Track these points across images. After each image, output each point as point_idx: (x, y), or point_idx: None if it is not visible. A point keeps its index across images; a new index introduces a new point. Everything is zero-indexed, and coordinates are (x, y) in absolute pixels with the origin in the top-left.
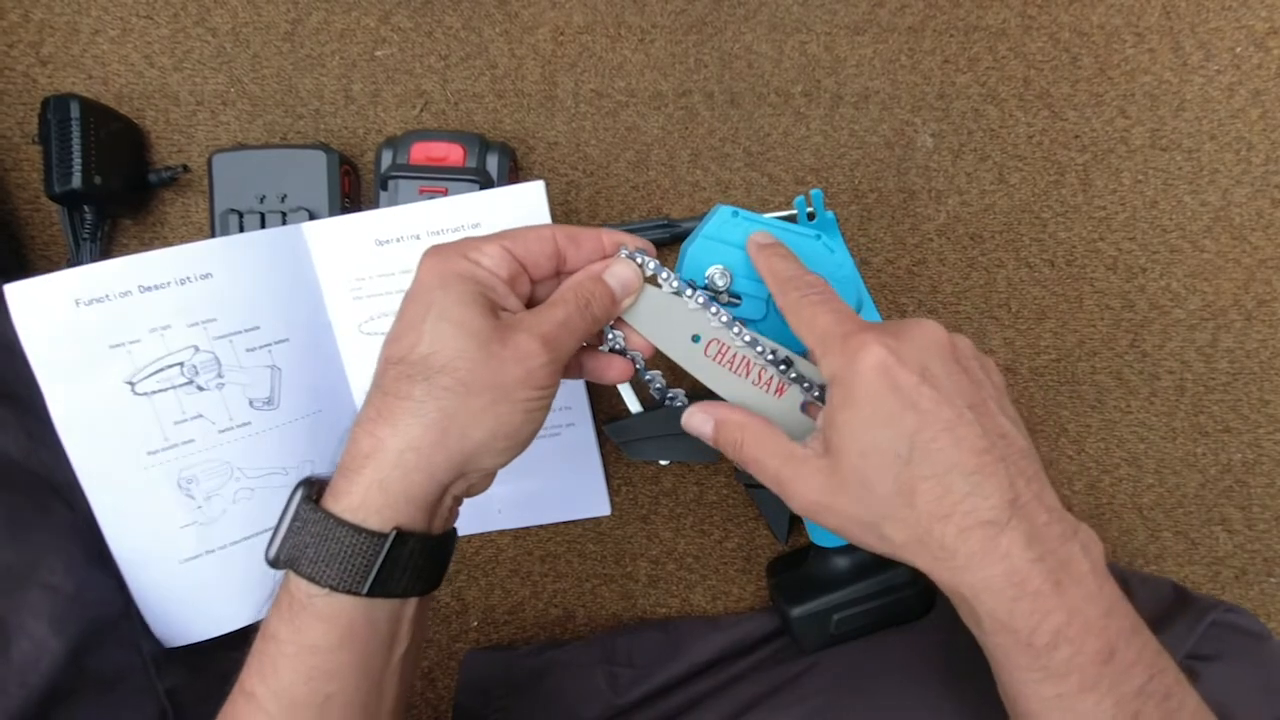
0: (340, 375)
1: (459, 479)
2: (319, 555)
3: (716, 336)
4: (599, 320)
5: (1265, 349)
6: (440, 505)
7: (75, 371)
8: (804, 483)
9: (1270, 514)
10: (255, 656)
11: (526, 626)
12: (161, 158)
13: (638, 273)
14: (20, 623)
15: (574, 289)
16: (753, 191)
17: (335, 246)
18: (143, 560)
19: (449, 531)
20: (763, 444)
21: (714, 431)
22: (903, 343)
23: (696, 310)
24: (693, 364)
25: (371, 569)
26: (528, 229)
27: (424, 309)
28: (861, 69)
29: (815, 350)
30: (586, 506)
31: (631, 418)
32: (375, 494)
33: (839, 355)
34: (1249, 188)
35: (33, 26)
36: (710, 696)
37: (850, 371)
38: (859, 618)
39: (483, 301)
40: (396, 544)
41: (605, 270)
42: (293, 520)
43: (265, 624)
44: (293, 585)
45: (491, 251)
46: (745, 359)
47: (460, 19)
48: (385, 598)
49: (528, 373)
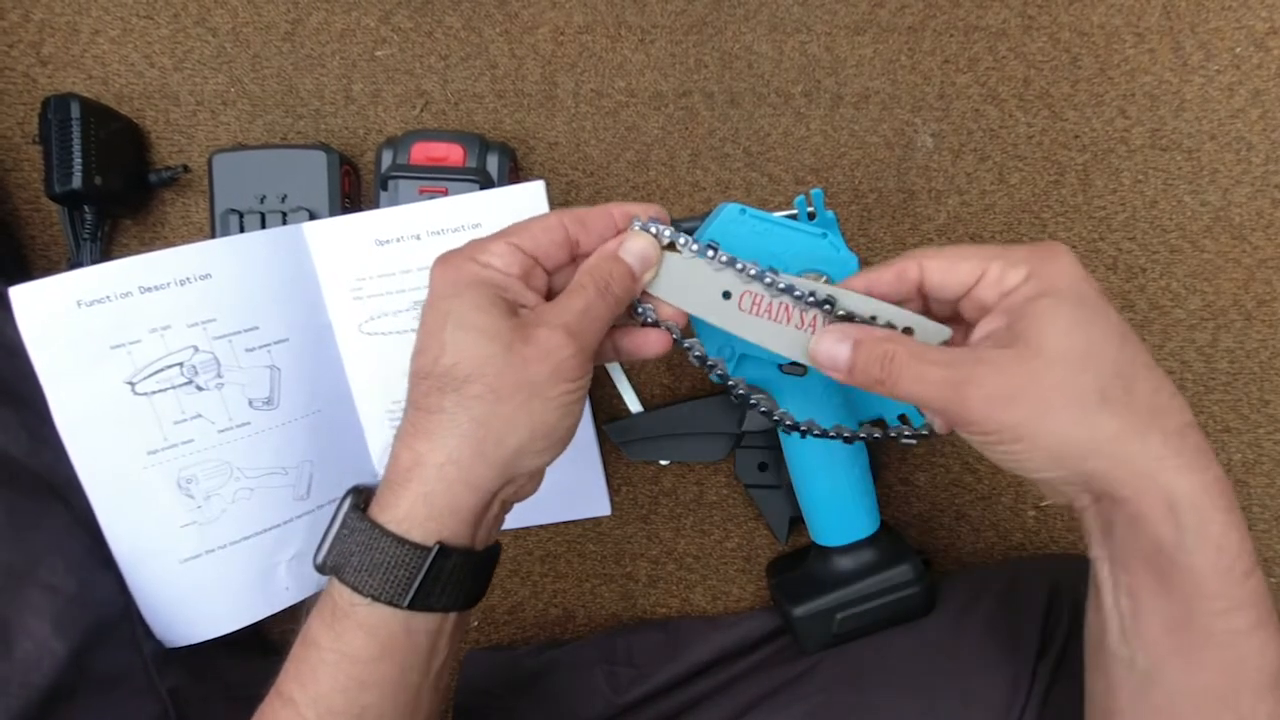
0: (340, 375)
1: (505, 485)
2: (363, 564)
3: (748, 289)
4: (622, 300)
5: (1265, 349)
6: (487, 514)
7: (77, 372)
8: (988, 375)
9: (1270, 514)
10: (294, 661)
11: (526, 626)
12: (161, 158)
13: (653, 243)
14: (22, 623)
15: (591, 273)
16: (753, 191)
17: (335, 246)
18: (142, 559)
19: (492, 547)
20: (921, 351)
21: (852, 353)
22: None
23: (722, 269)
24: (729, 321)
25: (414, 582)
26: (533, 221)
27: (441, 319)
28: (861, 69)
29: (988, 263)
30: (586, 506)
31: (631, 417)
32: (420, 507)
33: (1024, 252)
34: (1249, 188)
35: (33, 26)
36: (710, 696)
37: (1048, 264)
38: (861, 617)
39: (499, 303)
40: (439, 558)
41: (620, 247)
42: (340, 527)
43: (306, 629)
44: (336, 592)
45: (499, 250)
46: (784, 305)
47: (460, 19)
48: (425, 611)
49: (555, 367)
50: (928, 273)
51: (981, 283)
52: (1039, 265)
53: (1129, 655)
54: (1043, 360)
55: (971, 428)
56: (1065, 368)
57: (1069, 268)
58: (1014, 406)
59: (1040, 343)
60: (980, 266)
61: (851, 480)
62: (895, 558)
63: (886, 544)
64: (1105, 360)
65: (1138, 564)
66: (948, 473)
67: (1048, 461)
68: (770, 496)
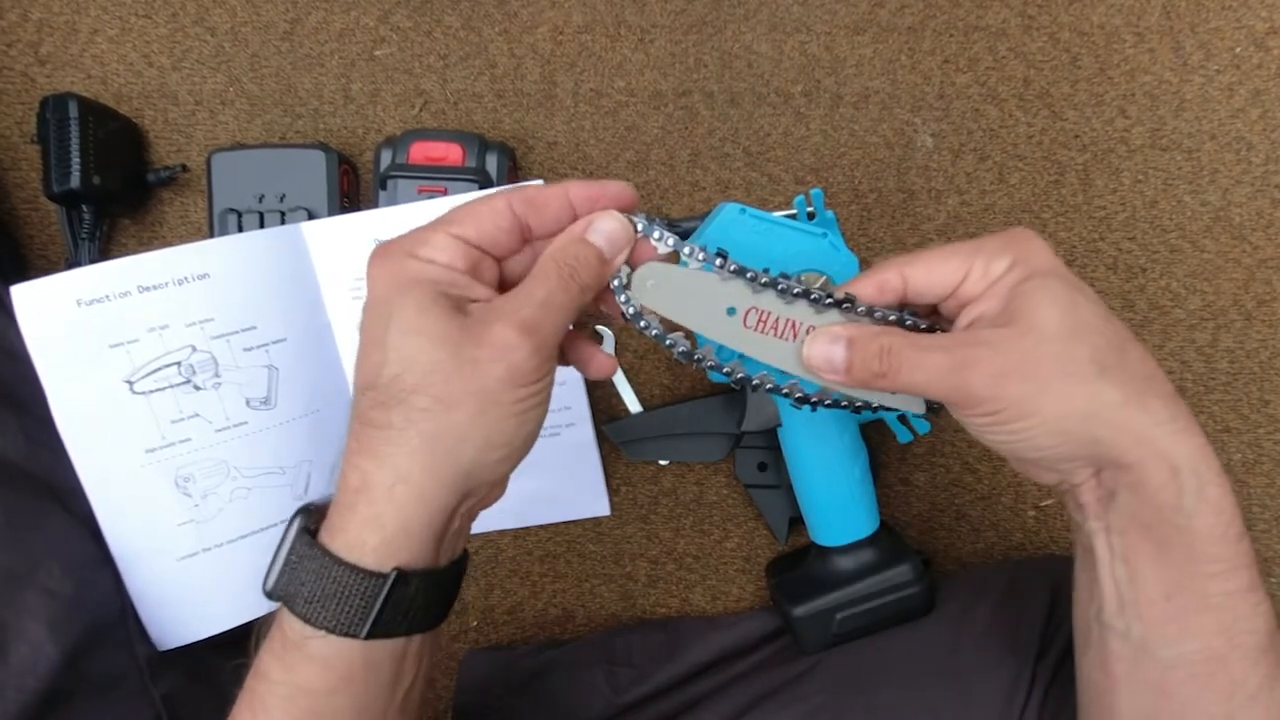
0: (339, 375)
1: (464, 499)
2: (314, 594)
3: (754, 305)
4: (589, 288)
5: (1265, 349)
6: (447, 531)
7: (76, 370)
8: (990, 355)
9: (1270, 514)
10: (246, 694)
11: (526, 626)
12: (160, 157)
13: (626, 225)
14: (18, 626)
15: (554, 258)
16: (753, 191)
17: (334, 246)
18: (140, 557)
19: (457, 560)
20: (915, 342)
21: (848, 351)
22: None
23: (730, 279)
24: (732, 339)
25: (370, 611)
26: (478, 205)
27: (383, 323)
28: (861, 69)
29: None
30: (586, 506)
31: (631, 417)
32: (370, 531)
33: (1000, 242)
34: (1249, 188)
35: (31, 26)
36: (710, 697)
37: (1027, 249)
38: (861, 617)
39: (443, 302)
40: (398, 584)
41: (588, 228)
42: (289, 552)
43: (258, 660)
44: (286, 623)
45: (441, 243)
46: (790, 322)
47: (459, 18)
48: (387, 638)
49: (509, 369)
50: (911, 280)
51: (967, 279)
52: (1020, 251)
53: (1124, 627)
54: (1040, 336)
55: (977, 408)
56: (1063, 341)
57: (1045, 251)
58: (1018, 381)
59: (1035, 320)
60: (964, 265)
61: (851, 480)
62: (895, 558)
63: (886, 544)
64: (1097, 332)
65: (1136, 531)
66: (948, 473)
67: (1053, 435)
68: (770, 496)
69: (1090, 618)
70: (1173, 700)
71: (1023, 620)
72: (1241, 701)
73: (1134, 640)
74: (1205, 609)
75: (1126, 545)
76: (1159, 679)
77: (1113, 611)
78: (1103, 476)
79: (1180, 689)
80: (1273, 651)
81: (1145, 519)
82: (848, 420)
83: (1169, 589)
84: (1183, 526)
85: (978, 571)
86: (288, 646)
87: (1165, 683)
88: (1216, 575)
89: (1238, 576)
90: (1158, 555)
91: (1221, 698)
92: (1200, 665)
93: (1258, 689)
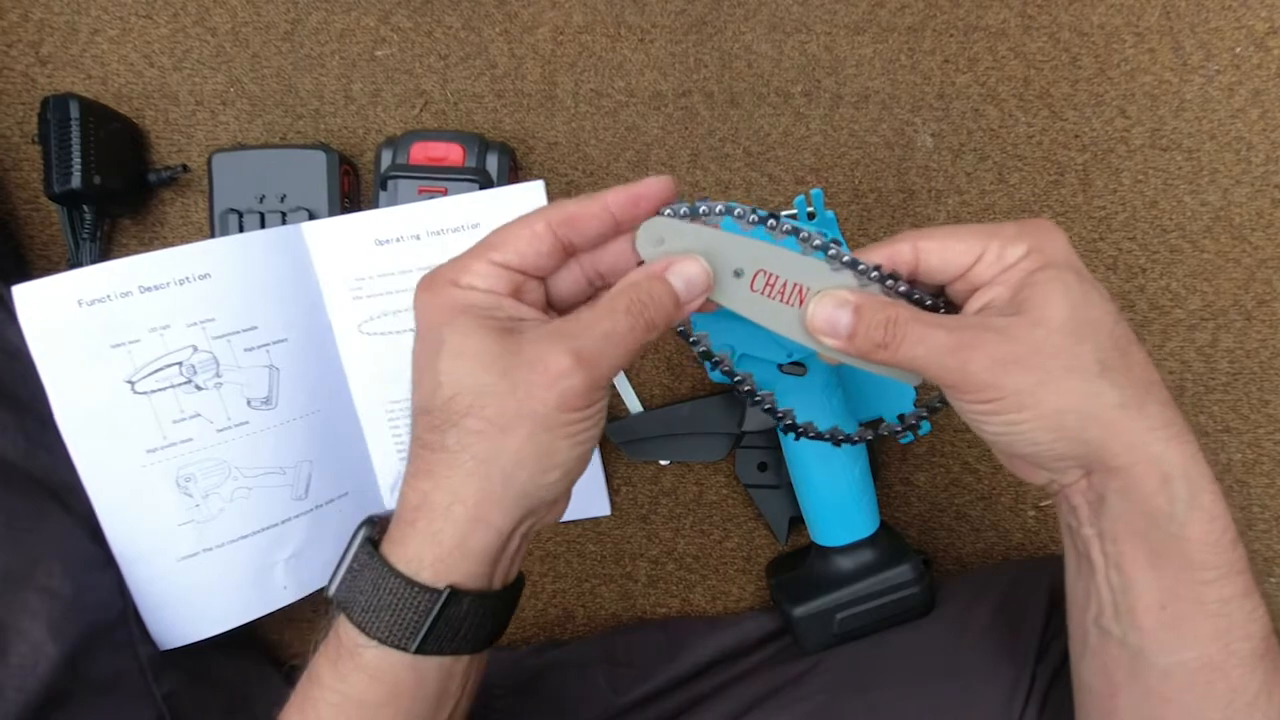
0: (339, 375)
1: (524, 518)
2: (370, 604)
3: (763, 267)
4: (657, 328)
5: (1265, 349)
6: (505, 551)
7: (77, 370)
8: (994, 343)
9: (1270, 514)
10: (298, 696)
11: (526, 626)
12: (161, 157)
13: (708, 272)
14: (18, 626)
15: (627, 293)
16: (753, 191)
17: (335, 246)
18: (141, 557)
19: (512, 585)
20: (921, 317)
21: (853, 317)
22: None
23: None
24: (737, 302)
25: (422, 626)
26: (516, 229)
27: (434, 349)
28: (861, 69)
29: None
30: (586, 506)
31: (631, 417)
32: (428, 547)
33: (1018, 228)
34: (1249, 188)
35: (32, 26)
36: (710, 697)
37: (1044, 239)
38: (862, 617)
39: (490, 326)
40: (450, 602)
41: (668, 268)
42: (352, 561)
43: (312, 664)
44: (342, 630)
45: (481, 271)
46: (797, 287)
47: (460, 19)
48: (436, 655)
49: (561, 396)
50: (924, 255)
51: (980, 262)
52: (1037, 240)
53: (1121, 634)
54: (1046, 329)
55: (974, 394)
56: (1068, 336)
57: (1062, 243)
58: (1018, 372)
59: (1044, 312)
60: (979, 246)
61: (851, 480)
62: (895, 558)
63: (886, 544)
64: (1104, 331)
65: (1128, 539)
66: (948, 473)
67: (1047, 431)
68: (770, 496)
69: (1088, 623)
70: (1172, 706)
71: (1023, 620)
72: (1240, 708)
73: (1131, 647)
74: (1201, 617)
75: (1120, 553)
76: (1158, 686)
77: (1110, 619)
78: (1093, 479)
79: (1179, 696)
80: (1269, 656)
81: (1137, 526)
82: (847, 420)
83: (1164, 597)
84: (1175, 534)
85: (978, 572)
86: (342, 654)
87: (1164, 690)
88: (1212, 582)
89: (1233, 583)
90: (1151, 563)
91: (1220, 704)
92: (1198, 673)
93: (1255, 695)
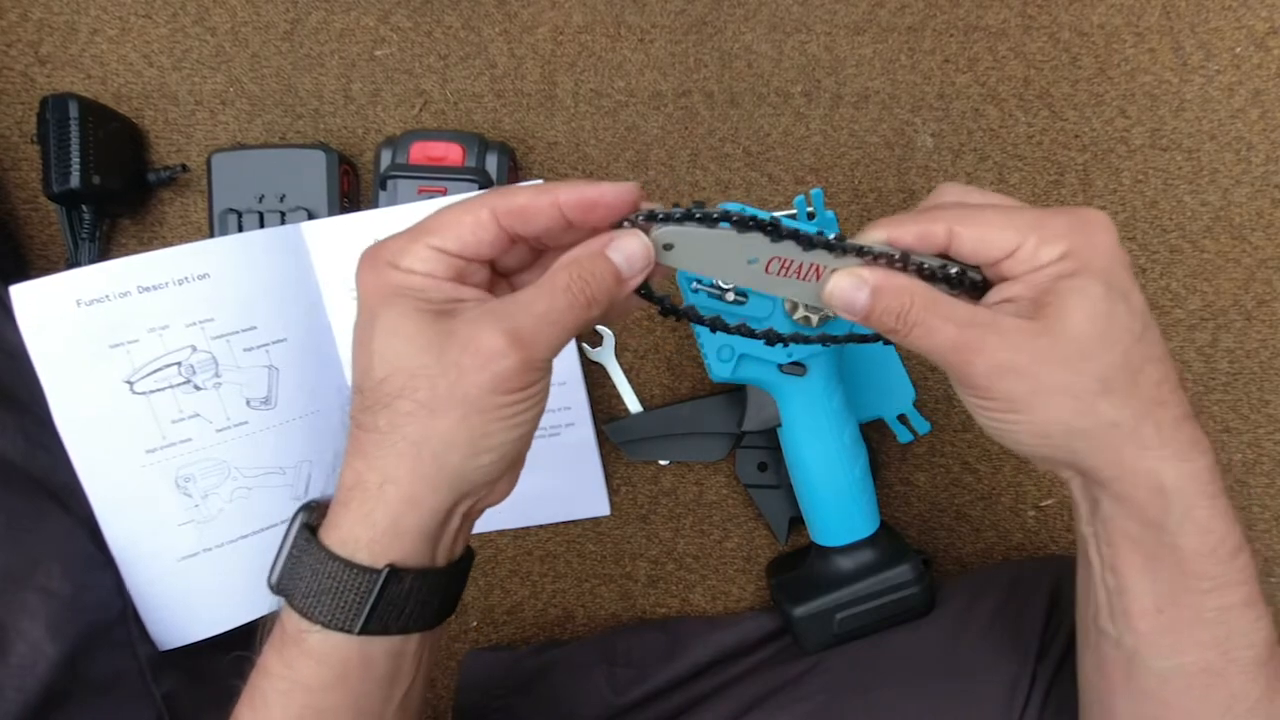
0: (339, 375)
1: (460, 500)
2: (311, 589)
3: (776, 254)
4: (598, 304)
5: (1265, 349)
6: (444, 531)
7: (76, 370)
8: (998, 345)
9: (1270, 514)
10: (248, 689)
11: (526, 626)
12: (160, 157)
13: (649, 247)
14: (17, 626)
15: (568, 269)
16: (753, 191)
17: (334, 246)
18: (140, 557)
19: (459, 560)
20: (937, 306)
21: (870, 299)
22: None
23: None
24: (757, 283)
25: (364, 607)
26: (459, 215)
27: (370, 329)
28: (861, 69)
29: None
30: (586, 506)
31: (631, 417)
32: (363, 528)
33: (1064, 225)
34: (1249, 188)
35: (31, 26)
36: (710, 697)
37: (1087, 241)
38: (862, 617)
39: (427, 310)
40: (391, 581)
41: (609, 244)
42: (291, 547)
43: (261, 655)
44: (286, 618)
45: (422, 255)
46: (814, 266)
47: (460, 19)
48: (382, 635)
49: (494, 377)
50: (959, 240)
51: (1013, 257)
52: (1077, 242)
53: (1116, 635)
54: (1053, 340)
55: (972, 391)
56: (1075, 352)
57: (1107, 246)
58: (1016, 380)
59: (1058, 323)
60: (1016, 239)
61: (851, 480)
62: (895, 558)
63: (886, 544)
64: (1118, 349)
65: (1123, 543)
66: (948, 473)
67: (1036, 436)
68: (770, 496)
69: (1089, 620)
70: (1171, 709)
71: (1023, 620)
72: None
73: (1126, 649)
74: (1199, 623)
75: (1115, 555)
76: (1156, 689)
77: (1105, 618)
78: (1087, 482)
79: (1178, 699)
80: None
81: (1131, 532)
82: (847, 420)
83: (1160, 602)
84: (1169, 544)
85: (978, 571)
86: (287, 641)
87: (1163, 693)
88: (1209, 591)
89: (1233, 592)
90: (1146, 568)
91: (1219, 710)
92: (1196, 677)
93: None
